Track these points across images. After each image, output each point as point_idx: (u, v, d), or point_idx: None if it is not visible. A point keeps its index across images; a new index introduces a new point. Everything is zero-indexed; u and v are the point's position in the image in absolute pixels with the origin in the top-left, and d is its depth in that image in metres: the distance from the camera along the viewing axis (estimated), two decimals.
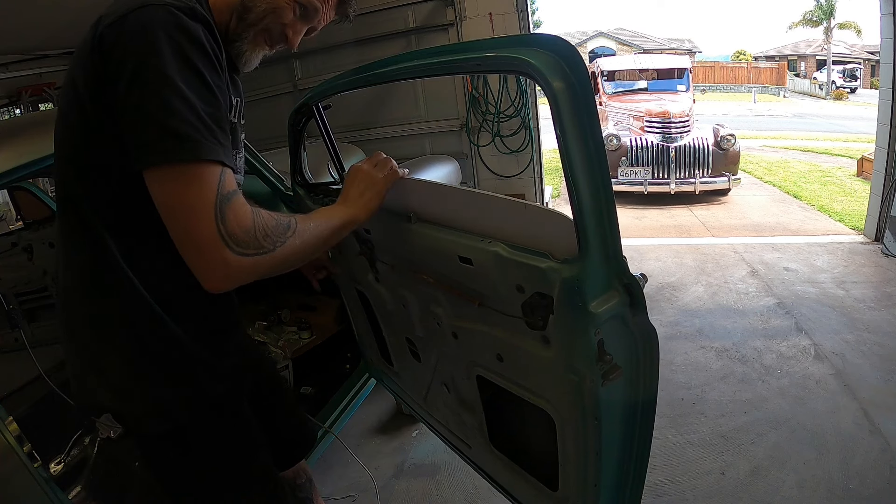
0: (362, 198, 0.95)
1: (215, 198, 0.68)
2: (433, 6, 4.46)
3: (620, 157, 5.91)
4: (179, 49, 0.68)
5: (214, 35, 0.75)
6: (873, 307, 2.93)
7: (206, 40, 0.71)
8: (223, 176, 0.70)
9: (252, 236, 0.72)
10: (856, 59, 25.33)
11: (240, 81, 0.95)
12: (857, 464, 1.81)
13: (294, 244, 0.78)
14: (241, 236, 0.70)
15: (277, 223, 0.77)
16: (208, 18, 0.74)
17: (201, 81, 0.69)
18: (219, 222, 0.68)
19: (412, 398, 1.50)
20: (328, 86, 1.17)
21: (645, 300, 0.76)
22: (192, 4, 0.73)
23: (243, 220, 0.71)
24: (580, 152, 0.67)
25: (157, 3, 0.69)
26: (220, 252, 0.69)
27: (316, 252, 0.86)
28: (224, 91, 0.76)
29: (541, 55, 0.67)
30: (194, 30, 0.70)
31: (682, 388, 2.34)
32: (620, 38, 29.95)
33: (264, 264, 0.74)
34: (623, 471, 0.91)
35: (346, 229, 0.92)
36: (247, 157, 1.82)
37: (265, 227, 0.74)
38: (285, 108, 3.68)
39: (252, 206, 0.75)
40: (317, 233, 0.84)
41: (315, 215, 0.89)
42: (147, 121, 0.66)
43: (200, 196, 0.67)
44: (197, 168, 0.67)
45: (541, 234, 0.79)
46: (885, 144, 3.75)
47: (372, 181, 0.96)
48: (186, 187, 0.67)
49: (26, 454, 1.04)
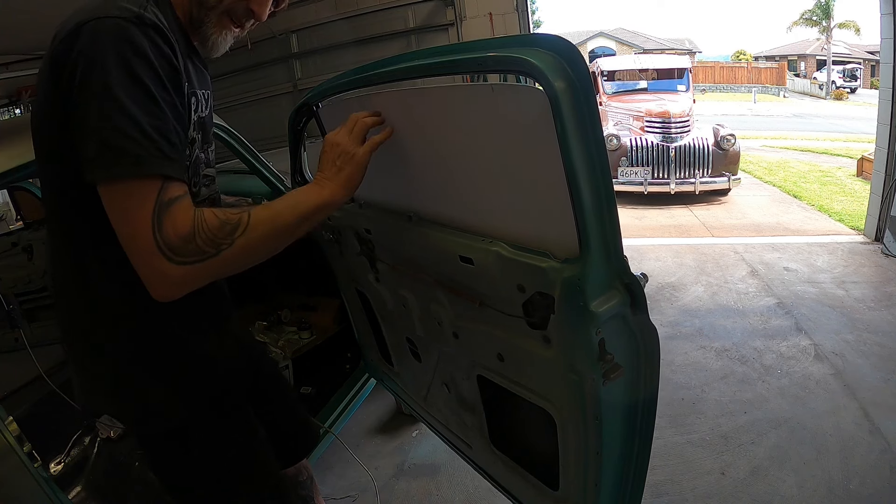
0: (340, 174, 0.85)
1: (153, 210, 0.68)
2: (433, 6, 4.46)
3: (620, 157, 5.91)
4: (124, 63, 0.68)
5: (165, 37, 0.74)
6: (873, 307, 2.94)
7: (151, 50, 0.71)
8: (164, 187, 0.70)
9: (192, 243, 0.71)
10: (856, 59, 25.34)
11: (208, 73, 0.94)
12: (857, 464, 1.81)
13: (243, 243, 0.74)
14: (179, 245, 0.70)
15: (223, 224, 0.74)
16: (157, 22, 0.73)
17: (146, 94, 0.69)
18: (156, 233, 0.68)
19: (412, 398, 1.50)
20: (328, 86, 1.17)
21: (646, 300, 0.76)
22: (140, 11, 0.72)
23: (181, 227, 0.70)
24: (581, 152, 0.67)
25: (104, 15, 0.70)
26: (159, 263, 0.69)
27: (279, 243, 0.81)
28: (178, 97, 0.76)
29: (542, 55, 0.67)
30: (139, 42, 0.70)
31: (682, 388, 2.34)
32: (620, 38, 29.95)
33: (209, 270, 0.73)
34: (623, 470, 0.91)
35: (321, 213, 0.84)
36: (247, 157, 1.82)
37: (208, 230, 0.72)
38: (285, 108, 3.69)
39: (198, 209, 0.73)
40: (277, 223, 0.79)
41: (279, 202, 0.82)
42: (90, 137, 0.68)
43: (138, 210, 0.68)
44: (136, 183, 0.68)
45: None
46: (885, 144, 3.76)
47: (349, 154, 0.86)
48: (125, 201, 0.69)
49: (26, 454, 1.03)
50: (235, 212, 0.76)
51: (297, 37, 5.01)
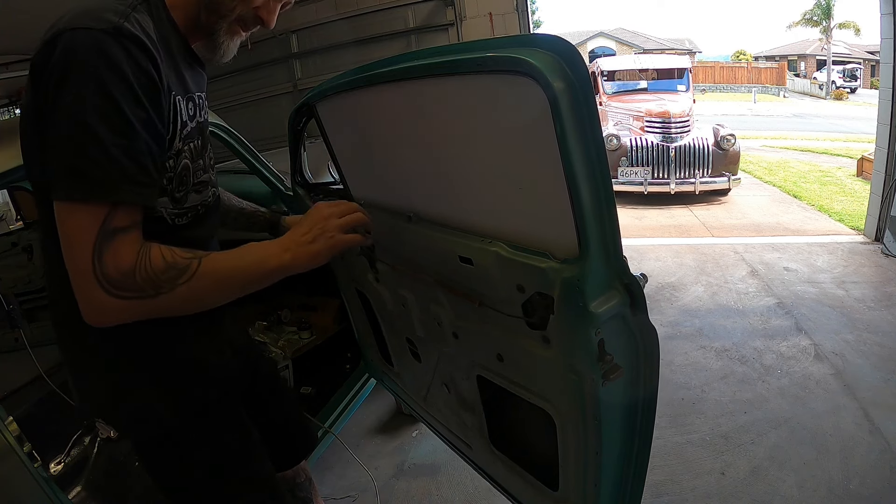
0: (312, 246, 0.81)
1: (95, 236, 0.67)
2: (433, 6, 4.46)
3: (620, 157, 5.92)
4: (96, 79, 0.66)
5: (146, 50, 0.71)
6: (873, 307, 2.94)
7: (128, 65, 0.68)
8: (111, 214, 0.68)
9: (129, 279, 0.69)
10: (856, 59, 25.33)
11: (205, 75, 0.93)
12: (857, 464, 1.81)
13: (184, 291, 0.72)
14: (117, 277, 0.68)
15: (169, 267, 0.72)
16: (136, 34, 0.70)
17: (116, 113, 0.67)
18: (95, 261, 0.67)
19: (412, 398, 1.50)
20: (328, 86, 1.17)
21: (645, 300, 0.76)
22: (120, 22, 0.69)
23: (122, 260, 0.68)
24: (581, 152, 0.67)
25: (81, 25, 0.67)
26: (93, 290, 0.68)
27: (225, 298, 0.78)
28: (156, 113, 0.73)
29: (541, 55, 0.67)
30: (115, 56, 0.67)
31: (682, 388, 2.34)
32: (620, 38, 29.94)
33: (144, 309, 0.71)
34: (623, 470, 0.91)
35: (276, 277, 0.80)
36: (247, 157, 1.82)
37: (150, 269, 0.70)
38: (285, 108, 3.69)
39: (147, 246, 0.72)
40: (228, 278, 0.76)
41: (238, 255, 0.79)
42: (53, 153, 0.68)
43: (81, 234, 0.67)
44: (83, 207, 0.67)
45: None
46: (885, 144, 3.76)
47: (330, 234, 0.83)
48: (70, 223, 0.68)
49: (26, 454, 1.03)
50: (187, 256, 0.74)
51: (297, 37, 5.01)
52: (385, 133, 1.09)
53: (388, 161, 1.12)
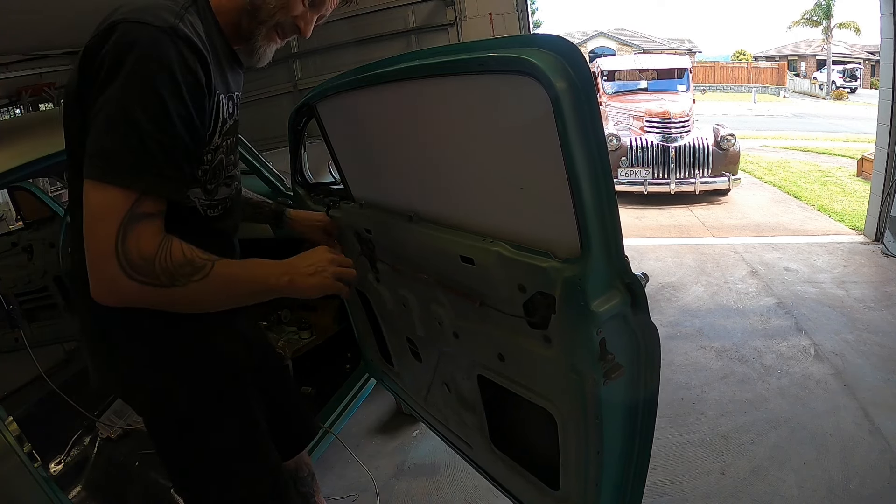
0: (309, 278, 0.89)
1: (123, 217, 0.70)
2: (433, 6, 4.46)
3: (620, 157, 5.91)
4: (146, 71, 0.70)
5: (197, 51, 0.75)
6: (873, 307, 2.94)
7: (178, 64, 0.72)
8: (140, 200, 0.72)
9: (149, 265, 0.73)
10: (856, 59, 25.34)
11: (242, 75, 0.97)
12: (857, 464, 1.81)
13: (196, 289, 0.77)
14: (137, 261, 0.71)
15: (186, 262, 0.76)
16: (190, 35, 0.74)
17: (159, 106, 0.71)
18: (119, 240, 0.70)
19: (412, 398, 1.50)
20: (328, 86, 1.17)
21: (647, 299, 0.76)
22: (176, 22, 0.73)
23: (145, 246, 0.72)
24: (582, 152, 0.67)
25: (141, 20, 0.71)
26: (112, 268, 0.71)
27: (225, 303, 0.84)
28: (198, 113, 0.77)
29: (543, 55, 0.67)
30: (167, 54, 0.71)
31: (682, 388, 2.34)
32: (620, 38, 29.93)
33: (154, 296, 0.75)
34: (624, 470, 0.91)
35: (273, 294, 0.87)
36: (247, 157, 1.82)
37: (169, 260, 0.74)
38: (285, 108, 3.68)
39: (168, 238, 0.75)
40: (235, 285, 0.82)
41: (245, 266, 0.85)
42: (94, 135, 0.71)
43: (109, 214, 0.70)
44: (114, 189, 0.70)
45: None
46: (885, 144, 3.76)
47: (326, 273, 0.90)
48: (97, 201, 0.71)
49: (26, 454, 1.04)
50: (203, 256, 0.78)
51: (298, 37, 5.00)
52: (386, 133, 1.09)
53: (388, 161, 1.12)
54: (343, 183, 1.33)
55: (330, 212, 1.32)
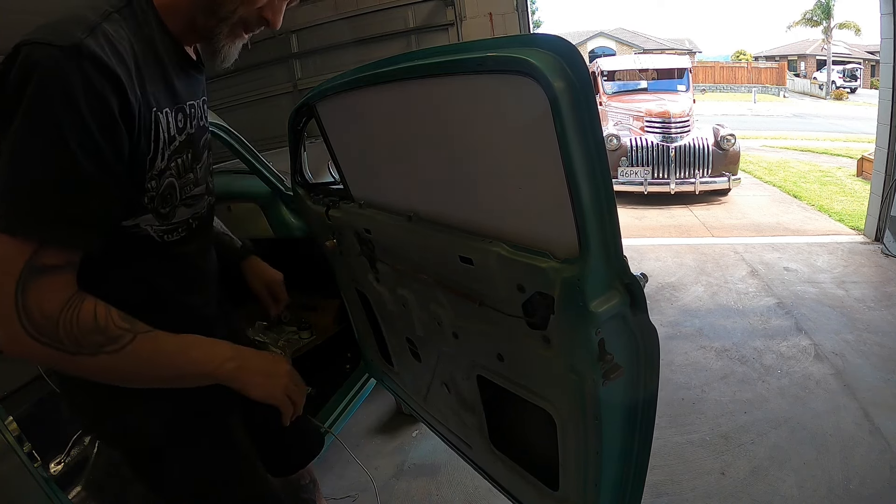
0: (259, 377, 0.81)
1: (20, 270, 0.63)
2: (433, 6, 4.46)
3: (620, 157, 5.92)
4: (44, 109, 0.62)
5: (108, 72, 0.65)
6: (873, 307, 2.94)
7: (83, 92, 0.63)
8: (38, 252, 0.63)
9: (52, 326, 0.65)
10: (856, 59, 25.34)
11: (202, 79, 0.89)
12: (857, 464, 1.81)
13: (106, 361, 0.68)
14: (39, 320, 0.64)
15: (97, 329, 0.67)
16: (98, 53, 0.64)
17: (56, 146, 0.63)
18: (18, 295, 0.63)
19: (412, 398, 1.50)
20: (328, 86, 1.17)
21: (646, 300, 0.76)
22: (81, 38, 0.63)
23: (47, 303, 0.64)
24: (581, 152, 0.67)
25: (41, 40, 0.63)
26: (14, 326, 0.63)
27: (155, 383, 0.75)
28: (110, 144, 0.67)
29: (542, 55, 0.67)
30: (69, 84, 0.62)
31: (682, 388, 2.34)
32: (620, 38, 29.94)
33: (59, 362, 0.67)
34: (623, 470, 0.91)
35: (210, 380, 0.77)
36: (247, 157, 1.83)
37: (75, 325, 0.66)
38: (285, 108, 3.68)
39: (80, 297, 0.67)
40: (162, 364, 0.72)
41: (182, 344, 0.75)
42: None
43: (5, 263, 0.63)
44: (8, 240, 0.63)
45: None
46: (885, 144, 3.76)
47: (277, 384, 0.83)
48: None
49: (26, 454, 1.04)
50: (123, 326, 0.69)
51: (297, 37, 5.01)
52: (385, 133, 1.09)
53: (388, 161, 1.12)
54: (343, 183, 1.33)
55: (330, 212, 1.32)
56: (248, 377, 0.79)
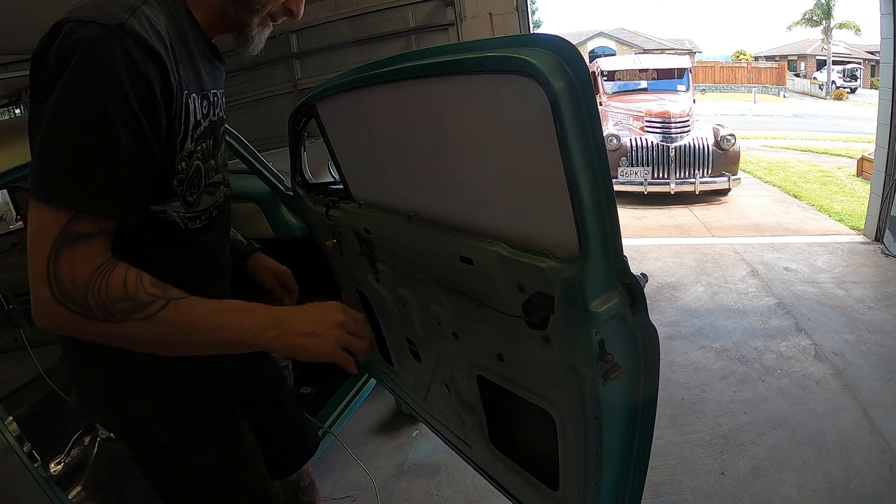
0: (306, 338, 0.74)
1: (55, 238, 0.64)
2: (433, 6, 4.46)
3: (620, 157, 5.92)
4: (86, 81, 0.63)
5: (150, 49, 0.67)
6: (873, 307, 2.94)
7: (125, 68, 0.64)
8: (74, 219, 0.64)
9: (80, 293, 0.64)
10: (856, 59, 25.35)
11: (223, 70, 0.90)
12: (857, 464, 1.81)
13: (135, 329, 0.67)
14: (68, 286, 0.64)
15: (127, 296, 0.66)
16: (141, 32, 0.66)
17: (100, 119, 0.64)
18: (51, 262, 0.64)
19: (412, 398, 1.50)
20: (328, 86, 1.17)
21: (646, 300, 0.76)
22: (125, 17, 0.65)
23: (77, 270, 0.64)
24: (581, 152, 0.67)
25: (84, 17, 0.64)
26: (42, 290, 0.64)
27: (188, 351, 0.73)
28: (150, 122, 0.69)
29: (542, 55, 0.67)
30: (111, 58, 0.64)
31: (682, 388, 2.34)
32: (620, 38, 29.94)
33: (87, 329, 0.66)
34: (623, 470, 0.91)
35: (247, 348, 0.73)
36: (247, 157, 1.83)
37: (106, 292, 0.65)
38: (285, 108, 3.68)
39: (112, 264, 0.67)
40: (195, 330, 0.69)
41: (217, 309, 0.71)
42: (33, 153, 0.67)
43: (42, 233, 0.64)
44: (47, 208, 0.64)
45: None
46: (885, 144, 3.76)
47: (328, 339, 0.75)
48: (36, 222, 0.65)
49: (26, 454, 1.04)
50: (154, 292, 0.68)
51: (297, 37, 5.01)
52: (385, 133, 1.09)
53: (388, 161, 1.12)
54: (343, 183, 1.33)
55: (330, 212, 1.32)
56: (292, 341, 0.73)
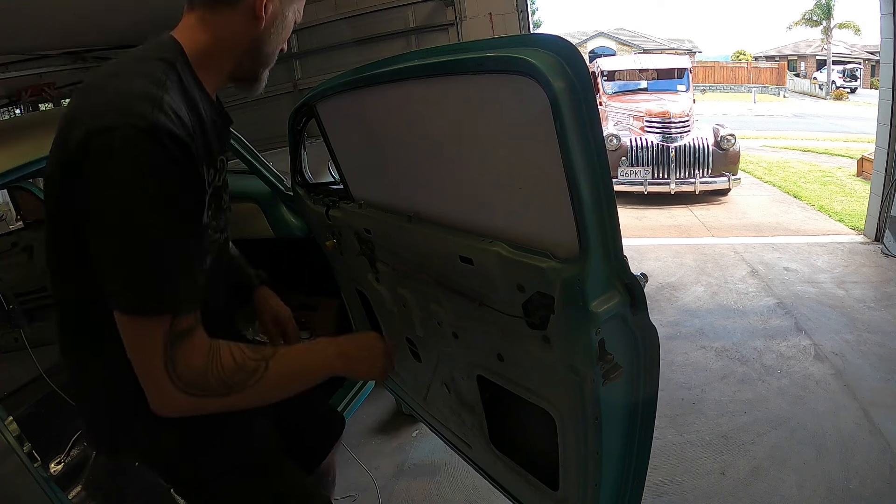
0: (362, 364, 0.94)
1: (164, 341, 0.68)
2: (433, 6, 4.46)
3: (620, 157, 5.92)
4: (142, 191, 0.65)
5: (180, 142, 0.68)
6: (873, 307, 2.94)
7: (167, 167, 0.66)
8: (175, 322, 0.69)
9: (203, 378, 0.72)
10: (856, 59, 25.34)
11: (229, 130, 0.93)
12: (857, 464, 1.81)
13: (255, 392, 0.76)
14: (190, 377, 0.71)
15: (239, 368, 0.74)
16: (171, 128, 0.66)
17: (165, 224, 0.67)
18: (168, 362, 0.69)
19: (412, 398, 1.50)
20: (328, 86, 1.17)
21: (646, 300, 0.76)
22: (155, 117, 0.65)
23: (194, 360, 0.71)
24: (581, 152, 0.67)
25: (115, 125, 0.64)
26: (164, 384, 0.70)
27: (288, 393, 0.83)
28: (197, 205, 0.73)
29: (542, 55, 0.67)
30: (155, 160, 0.65)
31: (682, 388, 2.34)
32: (620, 38, 29.93)
33: (212, 405, 0.74)
34: (623, 470, 0.91)
35: (327, 376, 0.88)
36: (247, 157, 1.83)
37: (222, 371, 0.73)
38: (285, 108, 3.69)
39: (216, 345, 0.73)
40: (293, 376, 0.83)
41: (301, 355, 0.88)
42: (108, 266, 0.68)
43: (150, 345, 0.68)
44: (145, 320, 0.68)
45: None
46: (885, 144, 3.76)
47: (378, 365, 0.96)
48: (136, 335, 0.69)
49: (26, 454, 1.04)
50: (255, 357, 0.77)
51: (297, 37, 5.01)
52: (385, 133, 1.09)
53: (388, 161, 1.12)
54: (343, 183, 1.33)
55: (330, 212, 1.32)
56: (356, 368, 0.94)
